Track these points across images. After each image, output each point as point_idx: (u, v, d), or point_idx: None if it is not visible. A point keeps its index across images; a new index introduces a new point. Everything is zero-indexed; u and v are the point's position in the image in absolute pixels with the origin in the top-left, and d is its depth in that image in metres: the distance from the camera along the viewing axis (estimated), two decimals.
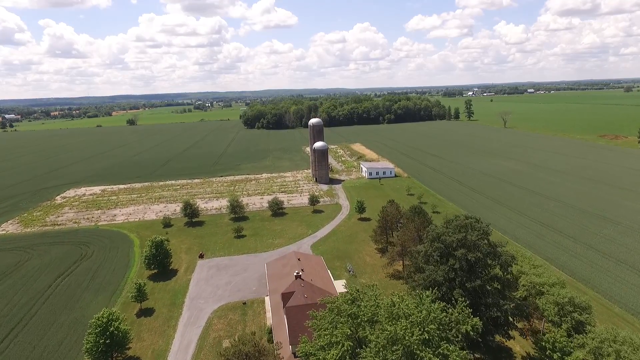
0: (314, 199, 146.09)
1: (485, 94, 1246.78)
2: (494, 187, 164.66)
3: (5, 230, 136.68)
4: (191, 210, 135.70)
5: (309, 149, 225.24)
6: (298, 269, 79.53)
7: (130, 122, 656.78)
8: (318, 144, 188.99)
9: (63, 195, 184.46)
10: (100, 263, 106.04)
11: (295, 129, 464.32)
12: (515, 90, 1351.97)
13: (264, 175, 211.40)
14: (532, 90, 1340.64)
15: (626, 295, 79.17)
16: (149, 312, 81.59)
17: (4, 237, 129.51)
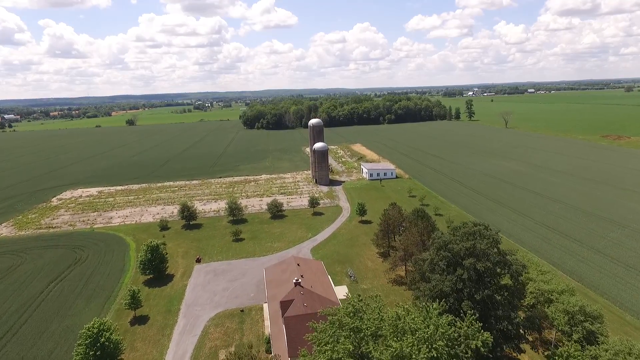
0: (314, 201, 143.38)
1: (485, 94, 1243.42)
2: (497, 189, 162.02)
3: None
4: (189, 212, 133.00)
5: (308, 150, 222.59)
6: (297, 275, 76.99)
7: (130, 123, 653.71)
8: (318, 145, 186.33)
9: (59, 197, 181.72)
10: (95, 268, 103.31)
11: (295, 129, 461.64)
12: (516, 90, 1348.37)
13: (263, 176, 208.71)
14: (533, 90, 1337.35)
15: (637, 303, 76.47)
16: (144, 320, 78.87)
17: None
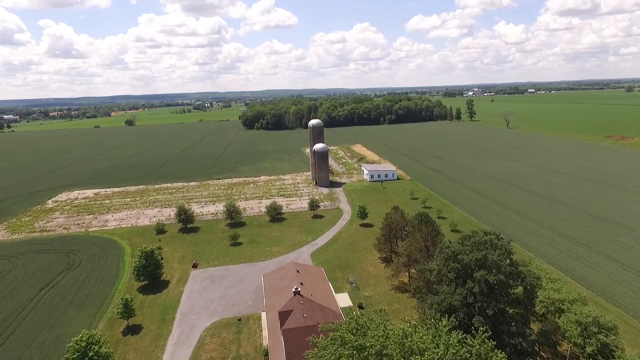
0: (314, 203, 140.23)
1: (485, 94, 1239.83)
2: (500, 190, 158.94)
3: None
4: (186, 215, 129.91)
5: (308, 151, 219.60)
6: (297, 282, 73.93)
7: (129, 123, 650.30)
8: (318, 146, 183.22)
9: (55, 199, 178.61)
10: (88, 273, 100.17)
11: (295, 129, 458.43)
12: (516, 90, 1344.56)
13: (263, 177, 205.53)
14: (533, 90, 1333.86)
15: None
16: (137, 330, 75.75)
17: None
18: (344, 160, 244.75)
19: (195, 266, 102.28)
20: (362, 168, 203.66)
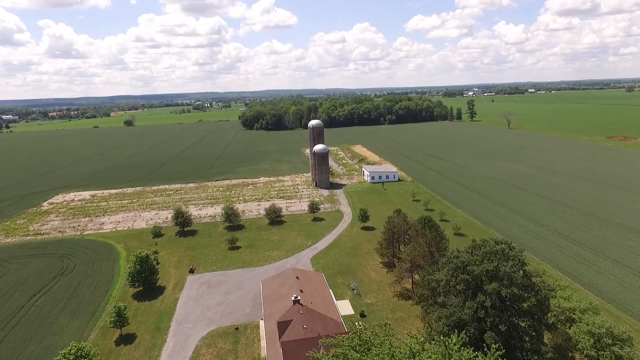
0: (314, 205, 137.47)
1: (485, 94, 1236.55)
2: (503, 192, 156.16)
3: None
4: (183, 218, 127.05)
5: (308, 151, 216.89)
6: (296, 289, 71.17)
7: (128, 123, 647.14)
8: (318, 147, 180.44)
9: (50, 201, 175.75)
10: (82, 279, 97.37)
11: (295, 129, 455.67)
12: (516, 90, 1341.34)
13: (262, 179, 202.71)
14: (533, 90, 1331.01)
15: None
16: (130, 339, 72.90)
17: None
18: (344, 161, 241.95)
19: (192, 271, 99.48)
20: (363, 169, 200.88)
